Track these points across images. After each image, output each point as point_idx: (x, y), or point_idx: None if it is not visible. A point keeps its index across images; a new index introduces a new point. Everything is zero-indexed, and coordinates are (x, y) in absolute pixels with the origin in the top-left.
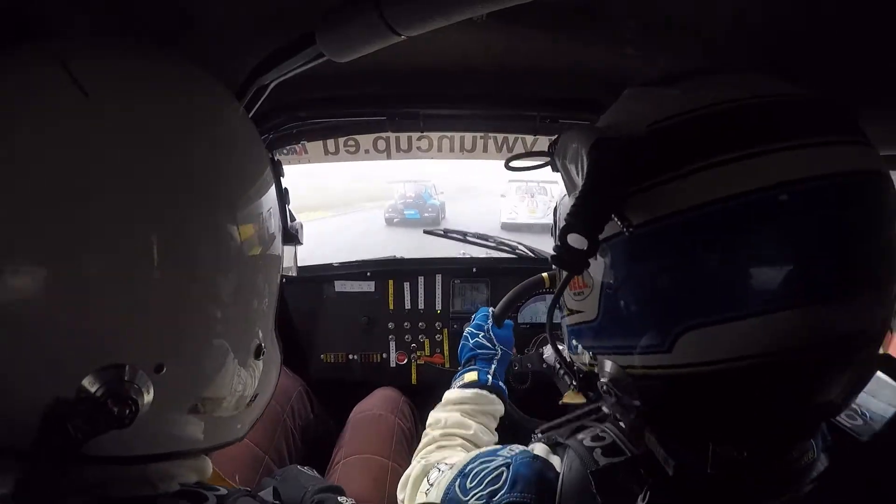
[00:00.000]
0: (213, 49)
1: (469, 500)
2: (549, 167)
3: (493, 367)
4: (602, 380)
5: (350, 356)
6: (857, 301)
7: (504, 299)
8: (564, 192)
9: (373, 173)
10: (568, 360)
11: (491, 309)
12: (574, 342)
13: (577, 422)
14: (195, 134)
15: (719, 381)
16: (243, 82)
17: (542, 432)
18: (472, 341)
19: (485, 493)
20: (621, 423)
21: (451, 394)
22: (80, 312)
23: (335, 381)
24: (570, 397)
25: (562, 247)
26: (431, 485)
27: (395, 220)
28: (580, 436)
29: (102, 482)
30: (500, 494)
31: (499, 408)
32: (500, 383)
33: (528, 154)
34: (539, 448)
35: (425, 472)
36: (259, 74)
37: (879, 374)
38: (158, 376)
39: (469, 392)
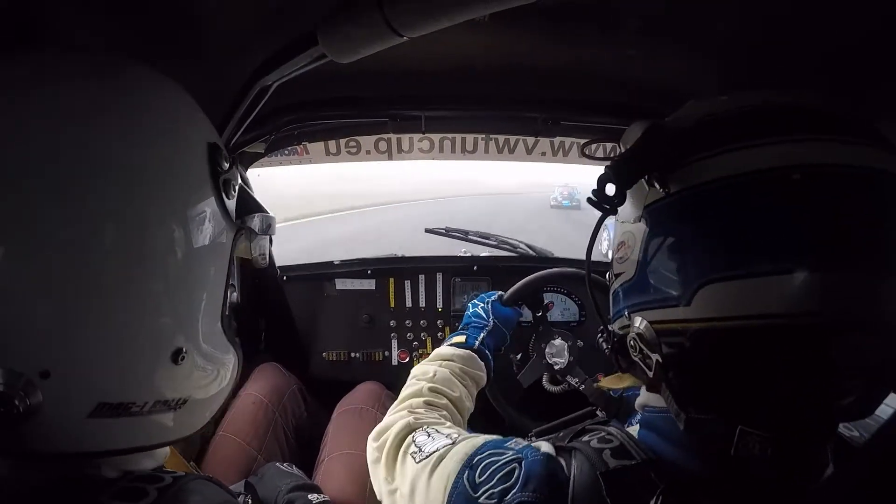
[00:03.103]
0: (214, 50)
1: (480, 497)
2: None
3: (482, 335)
4: (631, 335)
5: (352, 354)
6: (859, 279)
7: (520, 282)
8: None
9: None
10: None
11: (500, 292)
12: (615, 307)
13: (576, 425)
14: (108, 139)
15: (734, 338)
16: (245, 83)
17: (536, 436)
18: (471, 311)
19: (496, 490)
20: (626, 429)
21: (441, 350)
22: None
23: (337, 378)
24: (610, 382)
25: (598, 191)
26: (419, 449)
27: (557, 207)
28: (586, 437)
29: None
30: (511, 493)
31: (482, 375)
32: (488, 352)
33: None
34: (546, 446)
35: (411, 430)
36: (261, 76)
37: None
38: (46, 382)
39: (459, 351)
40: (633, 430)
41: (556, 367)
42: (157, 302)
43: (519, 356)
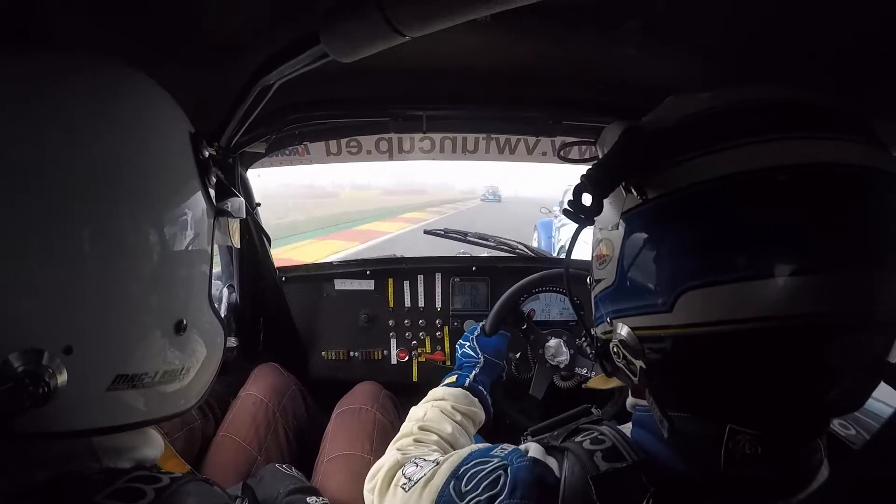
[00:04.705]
0: (215, 49)
1: None
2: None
3: (475, 372)
4: (613, 341)
5: (351, 353)
6: (848, 278)
7: (494, 308)
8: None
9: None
10: (594, 335)
11: (481, 323)
12: (596, 313)
13: (570, 423)
14: (104, 130)
15: (720, 343)
16: (246, 83)
17: (532, 435)
18: (459, 352)
19: (483, 497)
20: (619, 427)
21: (434, 391)
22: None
23: (336, 377)
24: (597, 382)
25: (574, 202)
26: (409, 479)
27: (486, 201)
28: (578, 438)
29: (63, 456)
30: (499, 500)
31: (478, 411)
32: (481, 388)
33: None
34: (534, 449)
35: (400, 465)
36: (262, 75)
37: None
38: (70, 357)
39: (450, 390)
40: (627, 427)
41: (562, 366)
42: (161, 277)
43: (518, 355)
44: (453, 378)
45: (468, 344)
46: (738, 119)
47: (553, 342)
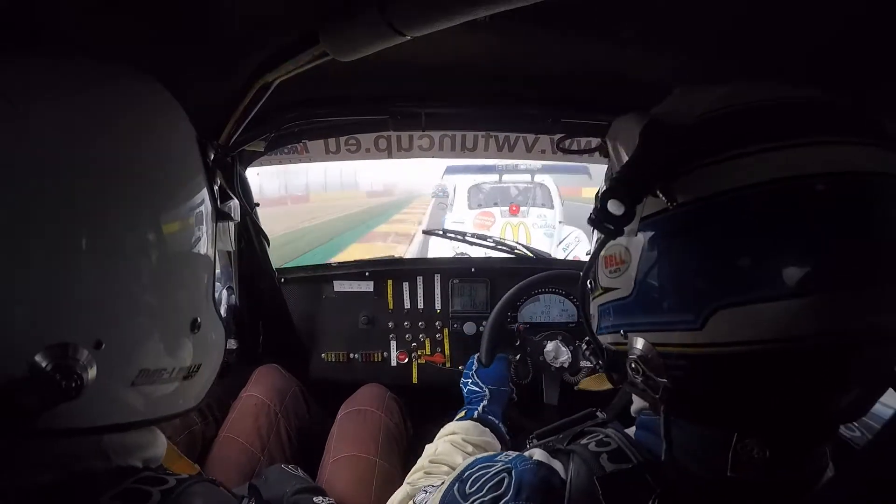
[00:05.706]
0: (216, 47)
1: None
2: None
3: (483, 404)
4: (631, 356)
5: (351, 355)
6: (884, 293)
7: (483, 338)
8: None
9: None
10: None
11: (476, 355)
12: (603, 322)
13: (575, 426)
14: (129, 138)
15: (751, 362)
16: (246, 80)
17: (538, 438)
18: (465, 391)
19: (487, 499)
20: (625, 430)
21: (445, 427)
22: (31, 298)
23: (336, 379)
24: (588, 384)
25: (601, 210)
26: None
27: (435, 198)
28: (584, 441)
29: (71, 456)
30: (503, 501)
31: (491, 441)
32: (492, 418)
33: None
34: (539, 454)
35: (410, 496)
36: (262, 73)
37: None
38: (99, 352)
39: (460, 423)
40: (632, 430)
41: (567, 364)
42: (182, 276)
43: (518, 357)
44: (462, 413)
45: (471, 380)
46: (765, 119)
47: (550, 346)
